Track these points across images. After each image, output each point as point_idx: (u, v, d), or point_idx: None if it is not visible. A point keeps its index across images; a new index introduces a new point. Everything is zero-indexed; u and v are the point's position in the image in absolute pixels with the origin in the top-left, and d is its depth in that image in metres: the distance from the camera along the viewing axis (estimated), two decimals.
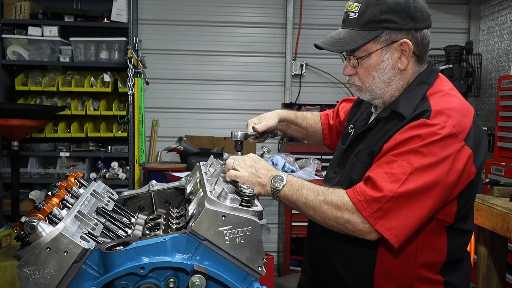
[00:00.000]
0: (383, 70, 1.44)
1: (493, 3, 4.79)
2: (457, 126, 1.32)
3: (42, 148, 4.60)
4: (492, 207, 2.37)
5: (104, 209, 1.44)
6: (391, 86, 1.46)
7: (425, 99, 1.40)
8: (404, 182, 1.27)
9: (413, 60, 1.45)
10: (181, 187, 1.64)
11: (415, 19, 1.41)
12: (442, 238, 1.43)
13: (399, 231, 1.29)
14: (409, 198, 1.28)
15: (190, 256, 1.16)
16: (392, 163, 1.31)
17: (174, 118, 5.04)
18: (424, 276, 1.43)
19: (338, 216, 1.32)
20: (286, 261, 4.54)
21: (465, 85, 4.50)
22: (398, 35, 1.41)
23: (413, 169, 1.28)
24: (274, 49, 5.09)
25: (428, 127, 1.31)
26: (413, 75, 1.47)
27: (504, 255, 2.58)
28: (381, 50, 1.42)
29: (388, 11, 1.38)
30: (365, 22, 1.41)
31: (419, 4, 1.42)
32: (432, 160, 1.28)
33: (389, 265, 1.44)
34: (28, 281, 1.09)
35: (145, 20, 4.97)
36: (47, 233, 1.10)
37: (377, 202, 1.28)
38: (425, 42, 1.45)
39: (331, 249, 1.54)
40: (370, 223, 1.29)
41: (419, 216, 1.31)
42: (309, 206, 1.37)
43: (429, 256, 1.43)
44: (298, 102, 5.04)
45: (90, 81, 4.58)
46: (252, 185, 1.40)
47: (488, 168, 3.80)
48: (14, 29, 4.59)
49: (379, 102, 1.51)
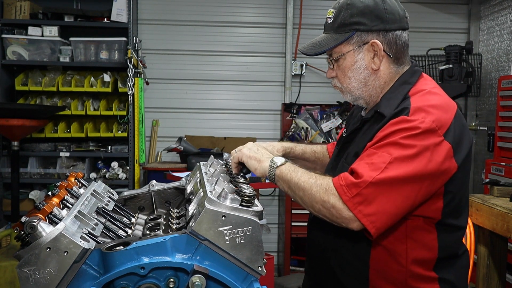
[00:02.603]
0: (357, 71, 1.51)
1: (493, 3, 4.79)
2: (436, 122, 1.35)
3: (42, 148, 4.60)
4: (492, 207, 2.37)
5: (104, 209, 1.44)
6: (368, 86, 1.52)
7: (406, 98, 1.44)
8: (384, 170, 1.31)
9: (387, 60, 1.50)
10: (181, 187, 1.65)
11: (385, 20, 1.46)
12: (432, 235, 1.44)
13: (376, 218, 1.31)
14: (388, 185, 1.31)
15: (190, 256, 1.16)
16: (373, 155, 1.36)
17: (174, 118, 5.04)
18: (417, 273, 1.45)
19: (325, 199, 1.35)
20: (286, 261, 4.55)
21: (465, 85, 4.50)
22: (369, 36, 1.48)
23: (392, 158, 1.32)
24: (274, 49, 5.09)
25: (407, 122, 1.35)
26: (391, 76, 1.52)
27: (504, 255, 2.58)
28: (354, 51, 1.49)
29: (357, 14, 1.46)
30: (337, 25, 1.50)
31: (390, 6, 1.48)
32: (411, 152, 1.32)
33: (382, 264, 1.46)
34: (28, 281, 1.09)
35: (145, 20, 4.97)
36: (47, 233, 1.10)
37: (356, 187, 1.31)
38: (400, 43, 1.50)
39: (328, 250, 1.56)
40: (349, 208, 1.31)
41: (397, 205, 1.33)
42: (300, 186, 1.40)
43: (420, 253, 1.44)
44: (298, 102, 5.04)
45: (90, 81, 4.58)
46: (249, 159, 1.48)
47: (488, 168, 3.80)
48: (14, 29, 4.59)
49: (361, 102, 1.58)
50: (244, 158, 1.51)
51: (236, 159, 1.53)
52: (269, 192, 5.03)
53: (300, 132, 4.84)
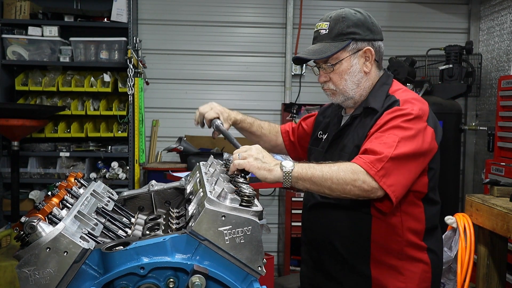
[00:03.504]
0: (353, 74, 1.74)
1: (493, 3, 4.79)
2: (421, 110, 1.63)
3: (42, 148, 4.60)
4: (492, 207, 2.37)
5: (104, 209, 1.44)
6: (360, 87, 1.76)
7: (389, 95, 1.71)
8: (396, 148, 1.54)
9: (375, 65, 1.77)
10: (181, 187, 1.65)
11: (373, 31, 1.74)
12: (419, 208, 1.71)
13: (395, 188, 1.53)
14: (401, 160, 1.54)
15: (190, 256, 1.16)
16: (381, 137, 1.58)
17: (174, 118, 5.04)
18: (412, 242, 1.70)
19: (355, 178, 1.50)
20: (286, 261, 4.55)
21: (465, 85, 4.50)
22: (362, 44, 1.72)
23: (399, 138, 1.55)
24: (274, 49, 5.09)
25: (401, 110, 1.62)
26: (375, 78, 1.78)
27: (504, 255, 2.58)
28: (350, 57, 1.72)
29: (352, 25, 1.71)
30: (335, 35, 1.72)
31: (373, 20, 1.77)
32: (410, 133, 1.58)
33: (382, 237, 1.68)
34: (28, 281, 1.10)
35: (145, 20, 4.97)
36: (47, 233, 1.10)
37: (380, 162, 1.51)
38: (381, 51, 1.78)
39: (330, 233, 1.75)
40: (376, 180, 1.50)
41: (408, 178, 1.58)
42: (326, 177, 1.51)
43: (412, 224, 1.70)
44: (298, 102, 5.04)
45: (90, 81, 4.58)
46: (258, 169, 1.51)
47: (488, 168, 3.80)
48: (14, 29, 4.59)
49: (350, 102, 1.79)
50: (253, 169, 1.51)
51: (242, 167, 1.52)
52: (269, 192, 5.03)
53: None
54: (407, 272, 1.69)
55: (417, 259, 1.70)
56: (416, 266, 1.70)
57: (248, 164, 1.51)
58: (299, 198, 4.44)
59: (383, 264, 1.69)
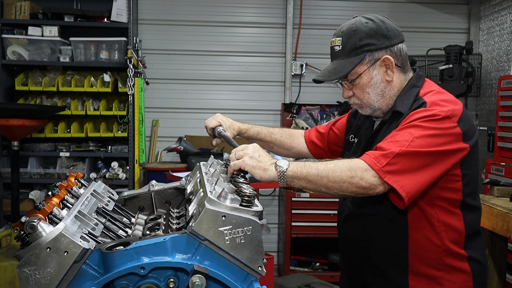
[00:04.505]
0: (375, 85, 1.68)
1: (493, 3, 4.79)
2: (451, 111, 1.55)
3: (42, 148, 4.60)
4: (492, 207, 2.37)
5: (104, 209, 1.44)
6: (385, 96, 1.70)
7: (418, 98, 1.64)
8: (407, 146, 1.48)
9: (397, 70, 1.69)
10: (181, 187, 1.65)
11: (389, 37, 1.66)
12: (457, 216, 1.63)
13: (404, 184, 1.47)
14: (412, 156, 1.48)
15: (190, 256, 1.16)
16: (395, 135, 1.53)
17: (174, 118, 5.04)
18: (452, 250, 1.62)
19: (353, 175, 1.47)
20: (286, 261, 4.55)
21: (465, 85, 4.50)
22: (379, 53, 1.65)
23: (413, 137, 1.49)
24: (274, 49, 5.09)
25: (427, 111, 1.55)
26: (401, 83, 1.71)
27: (504, 255, 2.58)
28: (368, 69, 1.66)
29: (365, 37, 1.64)
30: (349, 50, 1.66)
31: (389, 24, 1.68)
32: (430, 132, 1.50)
33: (420, 247, 1.62)
34: (28, 281, 1.10)
35: (145, 20, 4.97)
36: (47, 233, 1.10)
37: (385, 157, 1.47)
38: (403, 53, 1.70)
39: (366, 244, 1.71)
40: (380, 176, 1.46)
41: (422, 176, 1.50)
42: (322, 174, 1.49)
43: (451, 233, 1.62)
44: (298, 102, 5.04)
45: (90, 81, 4.58)
46: (253, 168, 1.50)
47: (488, 168, 3.80)
48: (14, 29, 4.59)
49: (379, 112, 1.74)
50: (248, 168, 1.51)
51: (238, 167, 1.52)
52: (269, 192, 5.03)
53: None
54: (446, 282, 1.63)
55: (456, 269, 1.63)
56: (456, 276, 1.63)
57: (244, 163, 1.51)
58: (299, 198, 4.44)
59: (422, 275, 1.64)
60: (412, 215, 1.61)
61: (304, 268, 4.63)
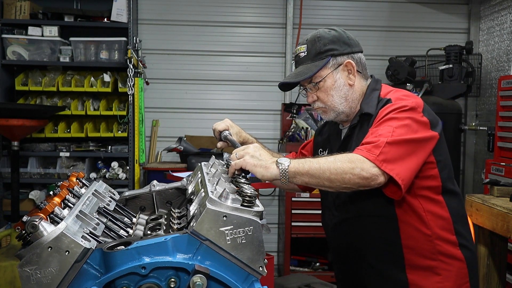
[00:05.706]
0: (338, 88, 1.77)
1: (493, 3, 4.79)
2: (414, 103, 1.65)
3: (42, 148, 4.60)
4: (492, 207, 2.37)
5: (105, 209, 1.45)
6: (348, 100, 1.78)
7: (381, 99, 1.74)
8: (391, 136, 1.54)
9: (359, 76, 1.80)
10: (182, 187, 1.65)
11: (350, 45, 1.78)
12: (441, 203, 1.71)
13: (399, 171, 1.52)
14: (400, 145, 1.55)
15: (191, 256, 1.16)
16: (376, 131, 1.59)
17: (174, 118, 5.04)
18: (443, 237, 1.69)
19: (353, 166, 1.50)
20: (286, 261, 4.55)
21: (465, 85, 4.50)
22: (341, 58, 1.76)
23: (394, 128, 1.57)
24: (274, 49, 5.09)
25: (395, 105, 1.65)
26: (362, 88, 1.81)
27: (504, 255, 2.58)
28: (332, 73, 1.75)
29: (328, 43, 1.76)
30: (313, 55, 1.76)
31: (349, 35, 1.81)
32: (405, 122, 1.59)
33: (412, 239, 1.68)
34: (29, 281, 1.10)
35: (145, 20, 4.97)
36: (49, 232, 1.10)
37: (377, 148, 1.52)
38: (363, 62, 1.82)
39: (360, 247, 1.75)
40: (377, 165, 1.50)
41: (411, 161, 1.57)
42: (324, 168, 1.51)
43: (439, 220, 1.69)
44: (298, 102, 5.04)
45: (90, 81, 4.58)
46: (254, 167, 1.51)
47: (488, 168, 3.80)
48: (14, 29, 4.58)
49: (343, 117, 1.81)
50: (249, 167, 1.52)
51: (239, 166, 1.52)
52: (269, 192, 5.03)
53: (300, 132, 4.83)
54: (443, 271, 1.69)
55: (451, 256, 1.70)
56: (451, 265, 1.70)
57: (245, 162, 1.51)
58: (299, 198, 4.44)
59: (418, 267, 1.69)
60: (399, 209, 1.67)
61: (304, 268, 4.63)
